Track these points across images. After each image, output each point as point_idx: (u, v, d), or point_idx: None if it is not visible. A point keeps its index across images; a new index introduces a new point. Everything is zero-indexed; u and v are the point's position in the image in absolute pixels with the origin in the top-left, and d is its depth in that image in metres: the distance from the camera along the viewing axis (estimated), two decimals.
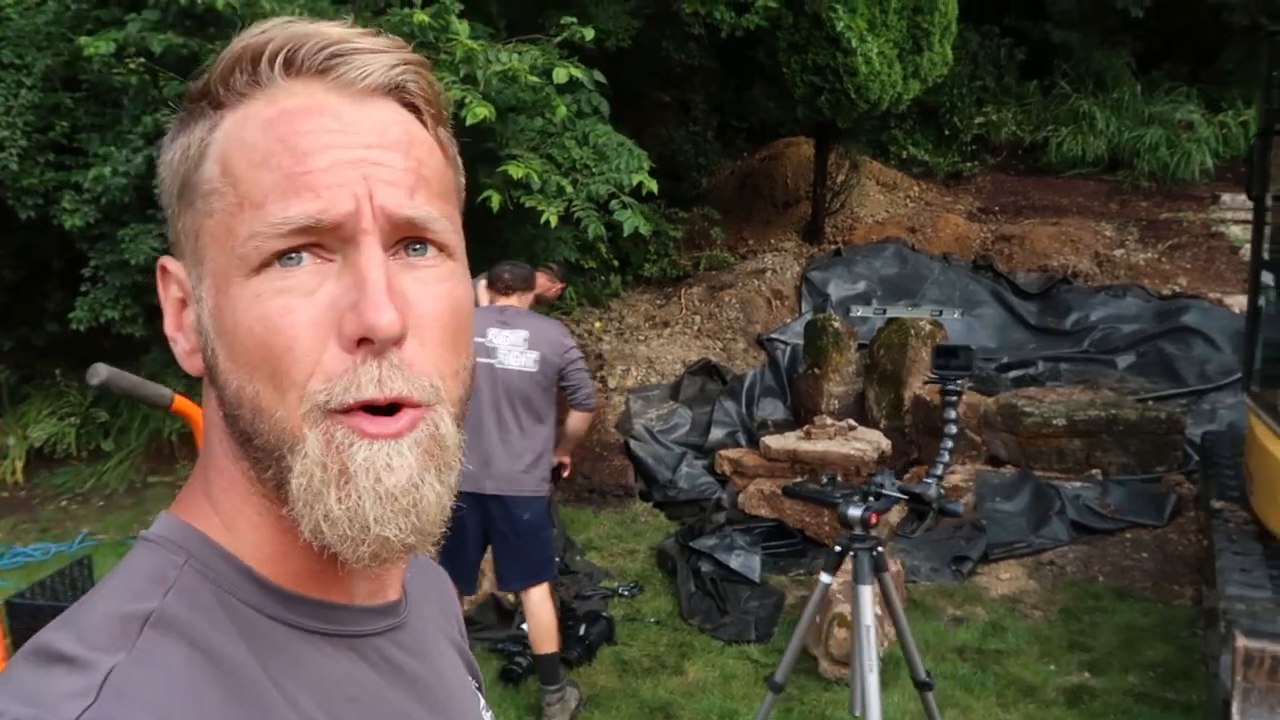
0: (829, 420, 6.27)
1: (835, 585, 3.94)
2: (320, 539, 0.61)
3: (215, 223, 0.63)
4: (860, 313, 8.39)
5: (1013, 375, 7.50)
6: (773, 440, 6.21)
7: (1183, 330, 7.60)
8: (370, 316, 0.60)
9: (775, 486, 5.74)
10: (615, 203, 5.36)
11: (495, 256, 5.35)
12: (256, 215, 0.61)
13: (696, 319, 8.65)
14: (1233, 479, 4.71)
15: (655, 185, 5.50)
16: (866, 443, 6.00)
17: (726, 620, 4.86)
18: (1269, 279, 4.47)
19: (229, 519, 0.67)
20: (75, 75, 6.13)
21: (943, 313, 8.12)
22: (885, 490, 3.02)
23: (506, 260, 4.29)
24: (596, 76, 5.45)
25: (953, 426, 3.17)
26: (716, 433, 7.25)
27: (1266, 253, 4.57)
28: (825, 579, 3.10)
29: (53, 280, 7.32)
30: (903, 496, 3.05)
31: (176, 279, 0.68)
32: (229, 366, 0.63)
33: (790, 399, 7.64)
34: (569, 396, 4.12)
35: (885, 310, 8.28)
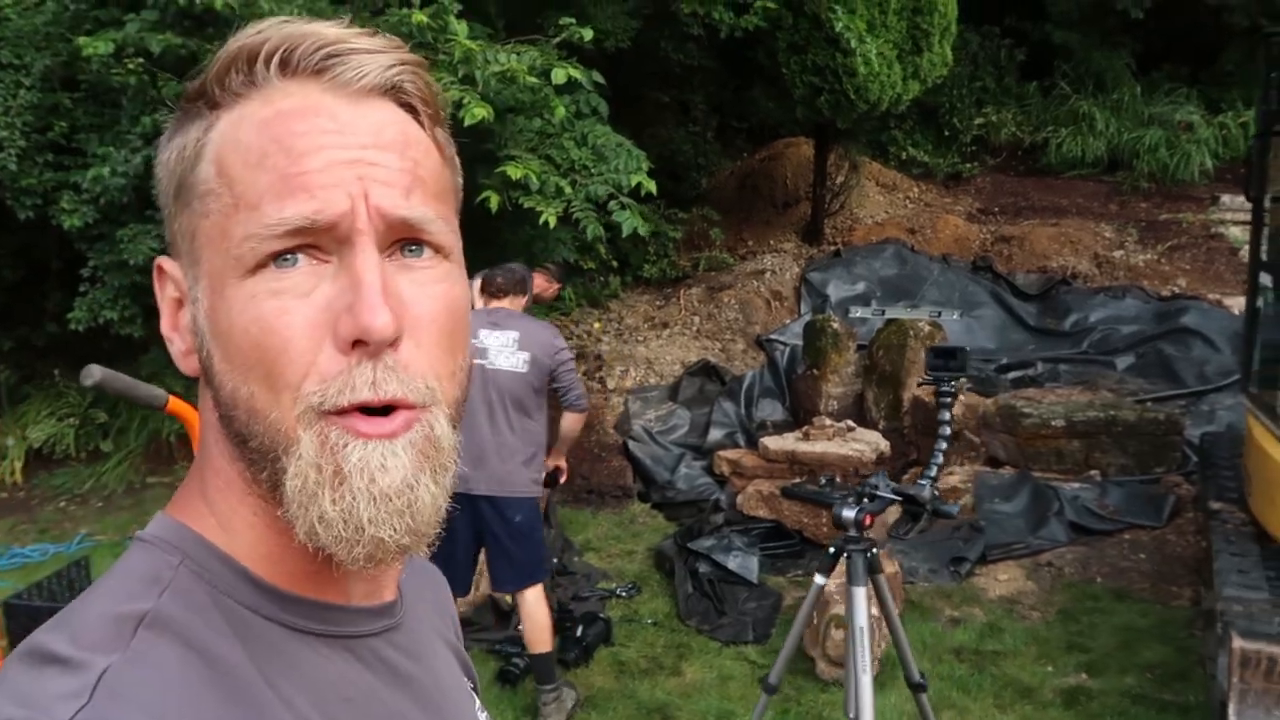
0: (828, 421, 6.27)
1: (832, 587, 3.94)
2: (315, 540, 0.61)
3: (211, 224, 0.63)
4: (859, 314, 8.39)
5: (1012, 376, 7.49)
6: (771, 441, 6.21)
7: (1182, 331, 7.60)
8: (365, 319, 0.59)
9: (774, 487, 5.74)
10: (614, 203, 5.36)
11: (494, 257, 5.35)
12: (252, 216, 0.61)
13: (695, 320, 8.65)
14: (1231, 480, 4.70)
15: (654, 186, 5.50)
16: (865, 444, 6.00)
17: (724, 621, 4.86)
18: (1267, 280, 4.48)
19: (225, 519, 0.67)
20: (74, 75, 6.13)
21: (942, 314, 8.12)
22: (879, 492, 3.02)
23: (502, 263, 4.30)
24: (595, 77, 5.45)
25: (947, 428, 3.18)
26: (715, 434, 7.24)
27: (1265, 254, 4.57)
28: (820, 580, 3.10)
29: (52, 280, 7.32)
30: (897, 498, 3.05)
31: (173, 279, 0.68)
32: (224, 368, 0.63)
33: (789, 400, 7.64)
34: (560, 398, 4.11)
35: (884, 311, 8.28)
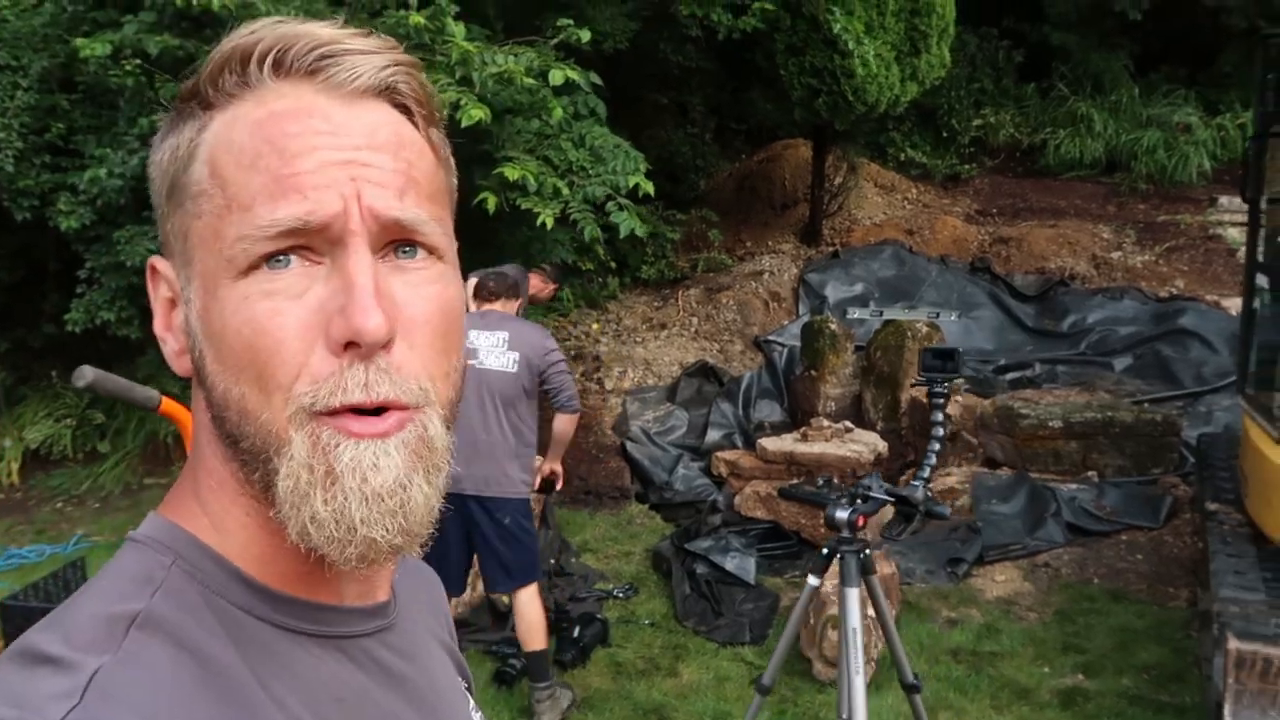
0: (825, 422, 6.27)
1: (829, 588, 3.94)
2: (307, 541, 0.61)
3: (204, 224, 0.63)
4: (857, 315, 8.40)
5: (1009, 377, 7.49)
6: (769, 442, 6.21)
7: (1179, 333, 7.60)
8: (357, 321, 0.59)
9: (771, 488, 5.73)
10: (611, 205, 5.36)
11: (492, 258, 5.35)
12: (244, 217, 0.61)
13: (694, 321, 8.65)
14: (1228, 481, 4.71)
15: (651, 187, 5.50)
16: (863, 445, 6.00)
17: (721, 622, 4.86)
18: (1264, 281, 4.48)
19: (217, 520, 0.67)
20: (71, 77, 6.12)
21: (940, 315, 8.13)
22: (873, 493, 3.02)
23: (500, 264, 4.30)
24: (593, 78, 5.45)
25: (940, 429, 3.18)
26: (713, 434, 7.24)
27: (1261, 255, 4.58)
28: (813, 581, 3.09)
29: (49, 282, 7.31)
30: (890, 499, 3.06)
31: (166, 279, 0.68)
32: (216, 368, 0.63)
33: (787, 401, 7.64)
34: (551, 400, 4.09)
35: (882, 312, 8.29)
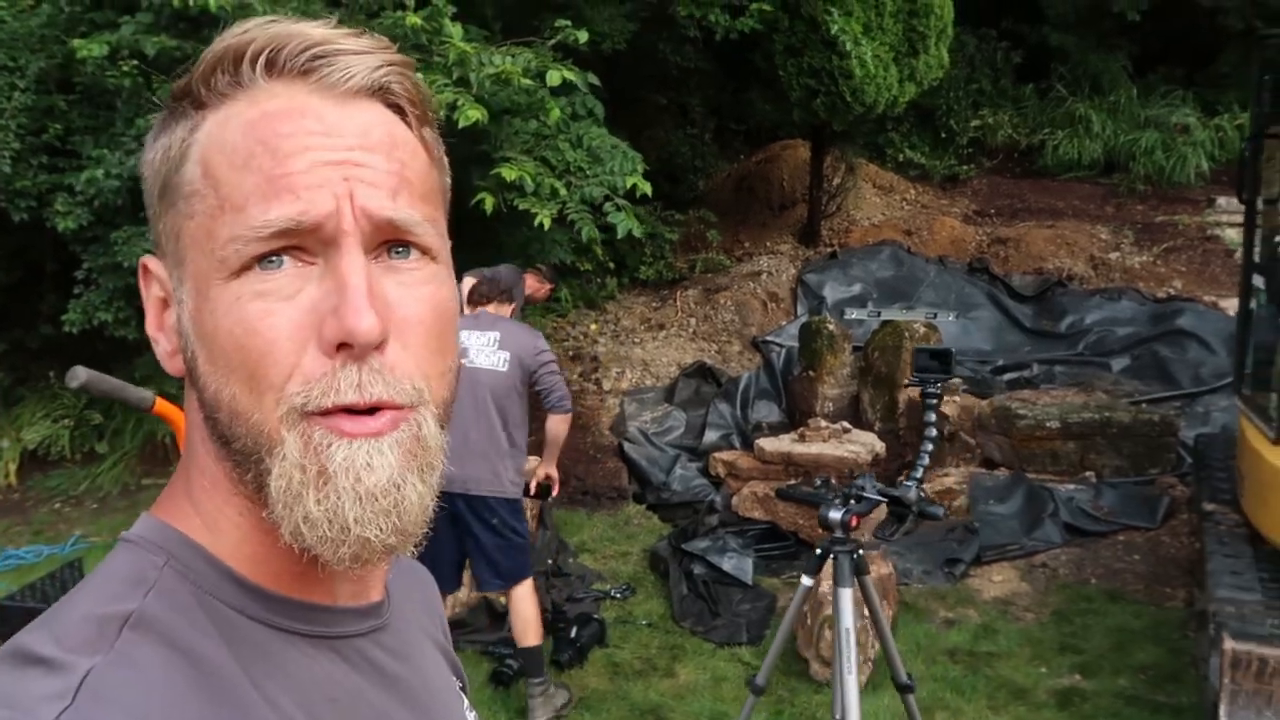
0: (823, 423, 6.27)
1: (826, 588, 3.94)
2: (300, 541, 0.61)
3: (196, 225, 0.63)
4: (855, 315, 8.40)
5: (1007, 378, 7.49)
6: (767, 443, 6.21)
7: (1177, 333, 7.61)
8: (350, 321, 0.59)
9: (769, 489, 5.73)
10: (609, 205, 5.36)
11: (489, 259, 5.35)
12: (237, 218, 0.61)
13: (692, 321, 8.65)
14: (1225, 482, 4.71)
15: (649, 188, 5.50)
16: (861, 445, 6.00)
17: (718, 623, 4.86)
18: (1260, 282, 4.48)
19: (210, 520, 0.66)
20: (69, 78, 6.11)
21: (938, 315, 8.13)
22: (866, 493, 3.03)
23: (497, 264, 4.30)
24: (590, 79, 5.45)
25: (933, 429, 3.18)
26: (711, 435, 7.24)
27: (1258, 256, 4.58)
28: (807, 582, 3.10)
29: (47, 282, 7.30)
30: (883, 499, 3.06)
31: (158, 279, 0.68)
32: (208, 369, 0.63)
33: (785, 401, 7.64)
34: (543, 400, 4.08)
35: (880, 313, 8.29)
